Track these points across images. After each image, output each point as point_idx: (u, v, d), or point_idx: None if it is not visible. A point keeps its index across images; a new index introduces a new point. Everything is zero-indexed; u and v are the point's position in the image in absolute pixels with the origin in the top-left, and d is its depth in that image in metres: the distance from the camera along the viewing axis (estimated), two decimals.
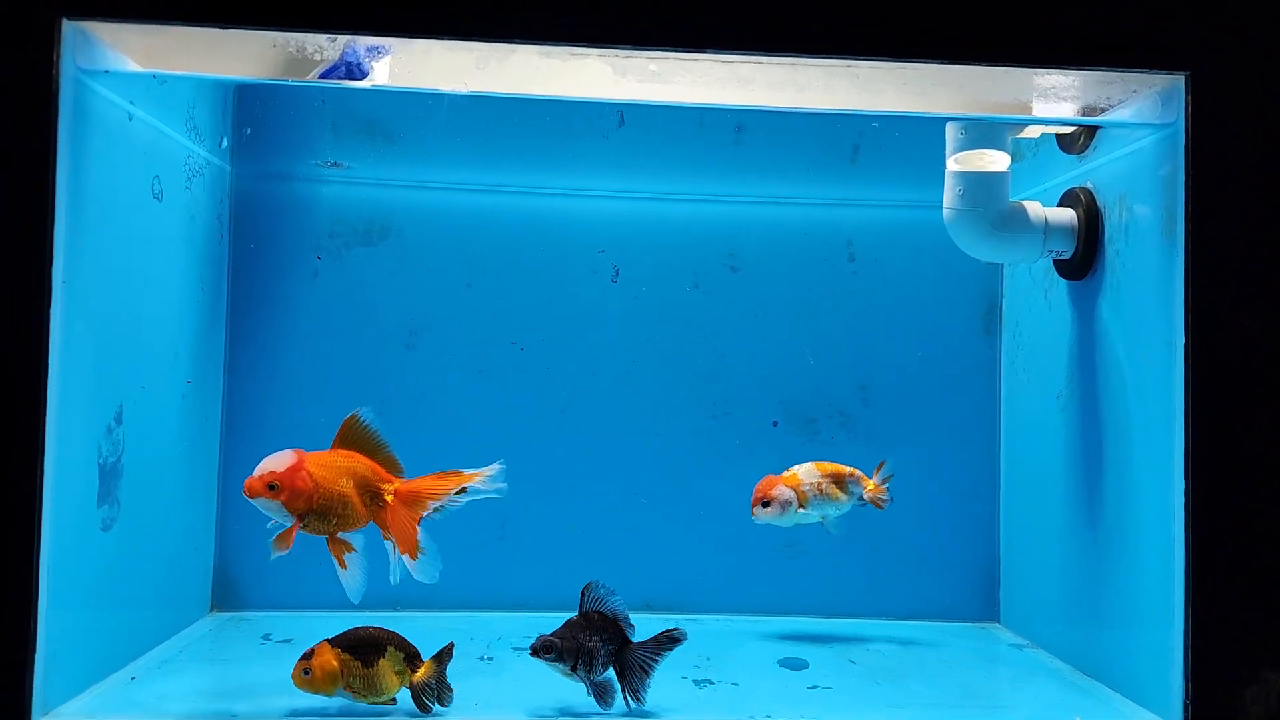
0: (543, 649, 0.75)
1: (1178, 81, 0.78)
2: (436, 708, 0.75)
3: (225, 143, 1.09)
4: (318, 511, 0.75)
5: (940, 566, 1.15)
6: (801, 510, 0.98)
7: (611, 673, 0.77)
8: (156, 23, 0.73)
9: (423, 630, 1.02)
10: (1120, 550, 0.88)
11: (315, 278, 1.12)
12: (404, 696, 0.76)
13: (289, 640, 0.98)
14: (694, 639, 1.03)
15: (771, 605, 1.14)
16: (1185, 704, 0.75)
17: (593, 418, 1.14)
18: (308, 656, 0.73)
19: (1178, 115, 0.78)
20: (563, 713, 0.77)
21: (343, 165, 1.13)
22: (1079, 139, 0.98)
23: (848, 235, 1.16)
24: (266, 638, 0.99)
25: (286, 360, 1.11)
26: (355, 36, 0.76)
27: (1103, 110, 0.88)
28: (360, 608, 1.09)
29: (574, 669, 0.75)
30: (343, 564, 0.77)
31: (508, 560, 1.13)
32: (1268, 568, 0.76)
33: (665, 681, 0.87)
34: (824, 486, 0.99)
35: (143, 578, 0.91)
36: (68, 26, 0.71)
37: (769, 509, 0.98)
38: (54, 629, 0.71)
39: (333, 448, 0.78)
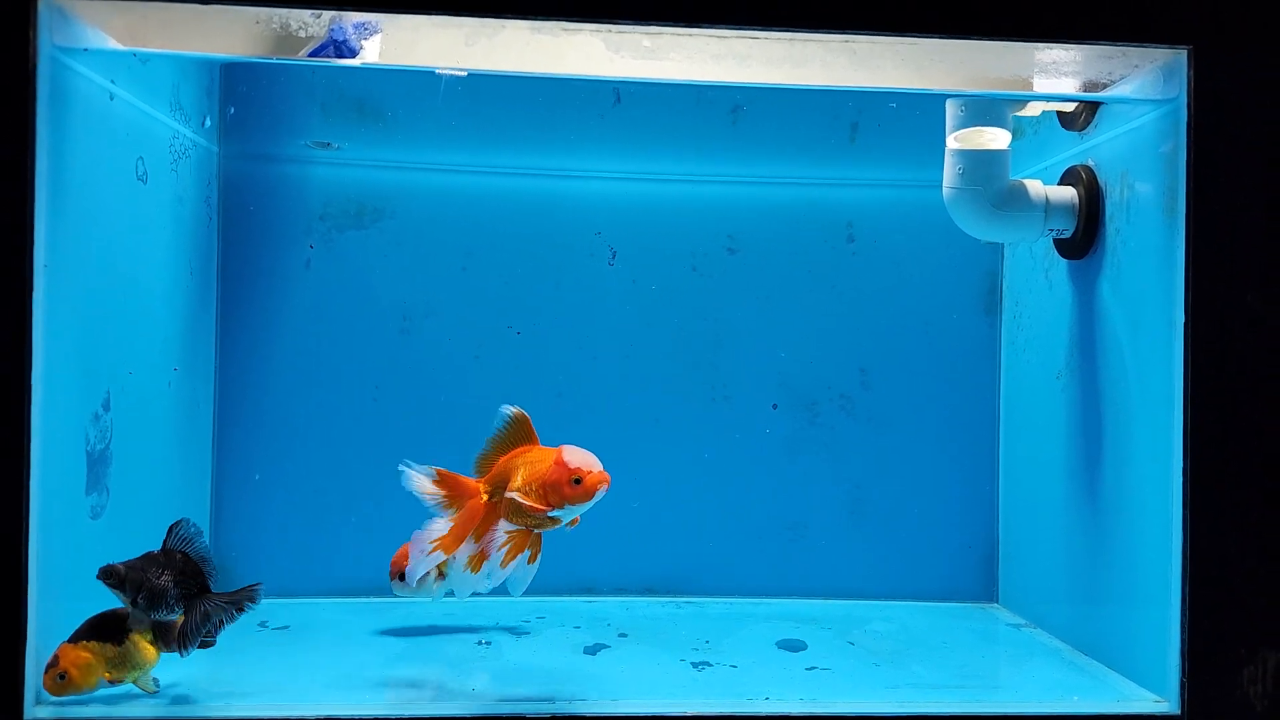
0: (103, 574, 0.71)
1: (1180, 56, 0.77)
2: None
3: (208, 122, 1.07)
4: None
5: (939, 547, 1.15)
6: (444, 582, 0.88)
7: (179, 616, 0.73)
8: None
9: (421, 616, 1.02)
10: (1119, 530, 0.88)
11: (307, 267, 1.10)
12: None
13: (285, 627, 0.98)
14: (694, 622, 1.04)
15: (771, 587, 1.14)
16: (1182, 683, 0.75)
17: (590, 402, 1.13)
18: (55, 662, 0.70)
19: (1180, 91, 0.77)
20: (556, 698, 0.76)
21: (333, 146, 1.11)
22: (1080, 116, 0.97)
23: (847, 216, 1.14)
24: (263, 625, 0.99)
25: (279, 344, 1.10)
26: (339, 12, 0.74)
27: (1104, 86, 0.87)
28: (360, 594, 1.09)
29: (134, 603, 0.71)
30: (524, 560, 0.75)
31: None
32: (1265, 548, 0.75)
33: (664, 664, 0.88)
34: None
35: None
36: (43, 3, 0.69)
37: (406, 582, 0.86)
38: (45, 618, 0.70)
39: (529, 445, 0.76)
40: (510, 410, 0.76)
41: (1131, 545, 0.85)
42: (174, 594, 0.72)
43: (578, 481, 0.72)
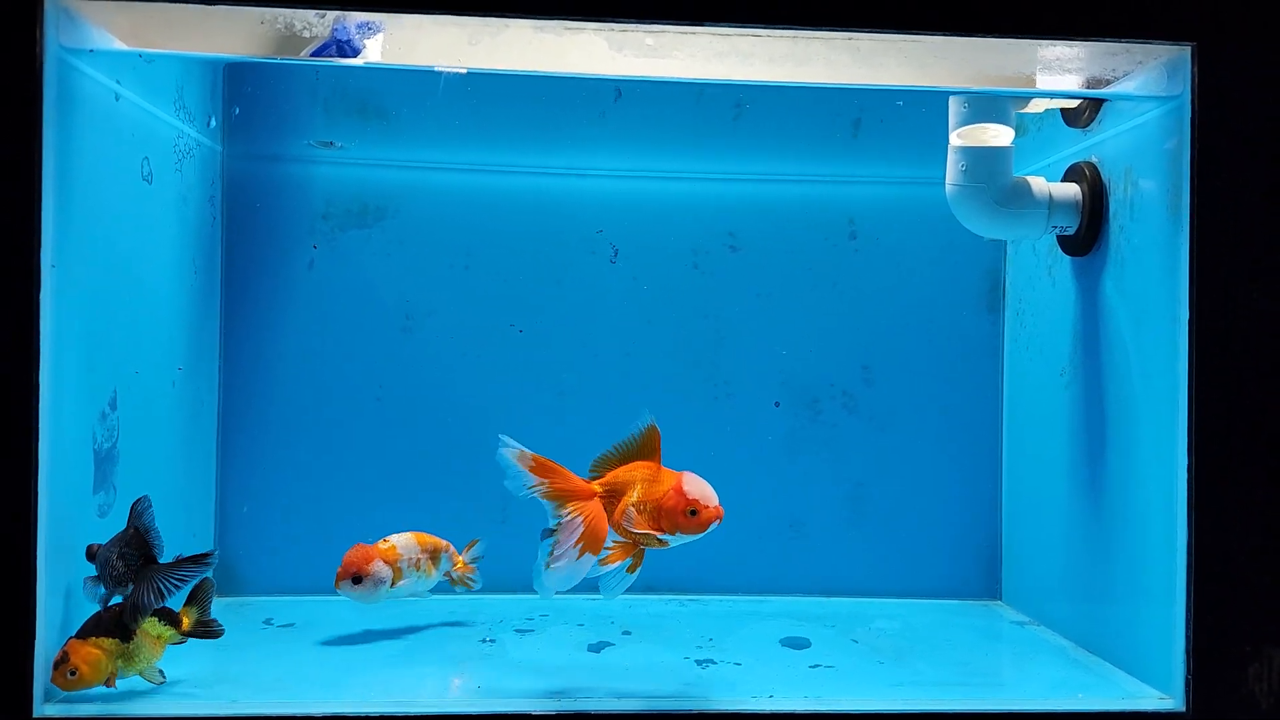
0: (87, 555, 0.73)
1: (1184, 52, 0.77)
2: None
3: (214, 122, 1.07)
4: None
5: (943, 545, 1.15)
6: (394, 588, 0.89)
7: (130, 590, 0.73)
8: None
9: (424, 613, 1.03)
10: (1123, 527, 0.88)
11: (311, 267, 1.11)
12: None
13: (290, 625, 0.98)
14: (697, 620, 1.04)
15: (774, 585, 1.14)
16: (1187, 680, 0.75)
17: (592, 400, 1.13)
18: (64, 659, 0.70)
19: (1184, 87, 0.77)
20: (562, 695, 0.77)
21: (336, 145, 1.11)
22: (1084, 112, 0.97)
23: (849, 213, 1.14)
24: (268, 622, 0.99)
25: (282, 343, 1.10)
26: (343, 12, 0.74)
27: (1108, 83, 0.87)
28: None
29: (97, 580, 0.73)
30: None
31: (509, 543, 1.12)
32: (1271, 545, 0.75)
33: (667, 661, 0.88)
34: (421, 562, 0.91)
35: None
36: (49, 4, 0.70)
37: (361, 586, 0.88)
38: (53, 617, 0.71)
39: (651, 462, 0.76)
40: (648, 420, 0.76)
41: (1136, 542, 0.85)
42: (119, 567, 0.73)
43: (693, 513, 0.73)
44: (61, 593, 0.72)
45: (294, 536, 1.10)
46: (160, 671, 0.75)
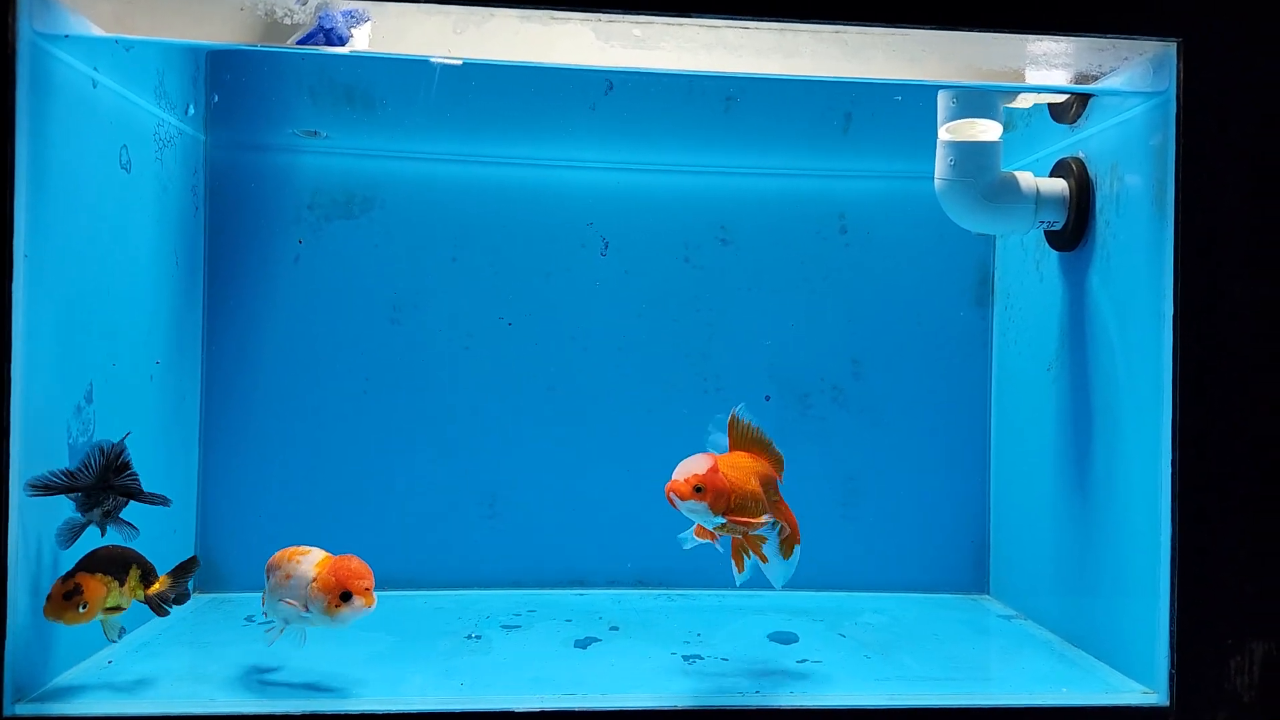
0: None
1: (1169, 48, 0.77)
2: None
3: (191, 110, 1.06)
4: (735, 510, 0.75)
5: (930, 539, 1.15)
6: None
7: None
8: None
9: (411, 609, 1.02)
10: (1109, 522, 0.89)
11: (296, 261, 1.09)
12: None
13: (271, 623, 0.97)
14: (685, 614, 1.04)
15: (763, 579, 1.13)
16: (1170, 674, 0.76)
17: (582, 393, 1.12)
18: (76, 590, 0.70)
19: (1169, 83, 0.77)
20: (545, 692, 0.76)
21: (321, 134, 1.10)
22: (1071, 108, 0.97)
23: (840, 206, 1.14)
24: (249, 619, 0.98)
25: (267, 336, 1.09)
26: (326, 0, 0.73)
27: (1095, 78, 0.87)
28: None
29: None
30: (741, 566, 0.79)
31: (497, 538, 1.12)
32: (1253, 540, 0.76)
33: (655, 657, 0.87)
34: None
35: None
36: None
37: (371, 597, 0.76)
38: (25, 614, 0.70)
39: (731, 449, 0.78)
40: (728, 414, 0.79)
41: (1121, 537, 0.86)
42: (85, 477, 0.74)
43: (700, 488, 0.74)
44: (32, 591, 0.71)
45: (277, 532, 1.09)
46: (122, 629, 0.75)
